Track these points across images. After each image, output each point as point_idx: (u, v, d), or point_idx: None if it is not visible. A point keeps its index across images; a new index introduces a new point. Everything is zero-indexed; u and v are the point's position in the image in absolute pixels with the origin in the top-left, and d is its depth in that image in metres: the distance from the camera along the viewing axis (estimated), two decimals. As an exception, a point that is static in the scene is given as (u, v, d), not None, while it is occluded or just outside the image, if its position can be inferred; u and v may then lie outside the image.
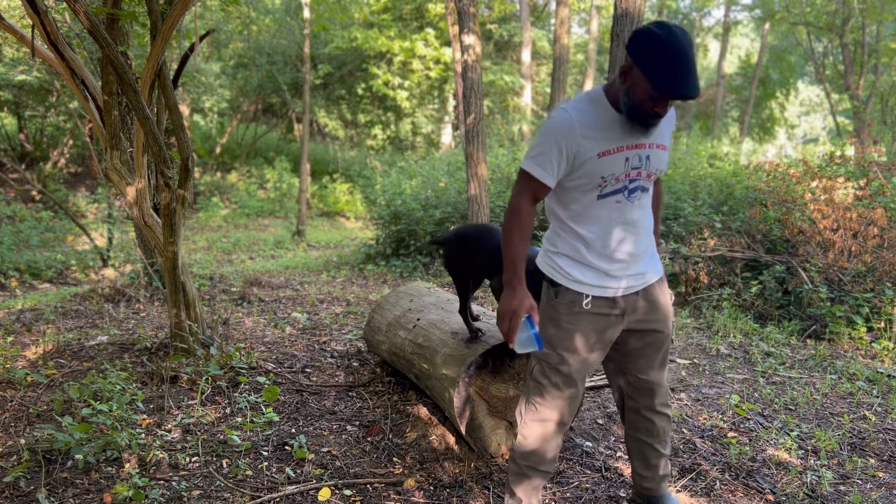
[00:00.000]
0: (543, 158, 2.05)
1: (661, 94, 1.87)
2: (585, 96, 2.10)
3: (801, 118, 33.72)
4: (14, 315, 5.64)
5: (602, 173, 2.05)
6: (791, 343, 5.04)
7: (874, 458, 3.07)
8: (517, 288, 2.08)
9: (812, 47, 19.77)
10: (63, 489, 2.61)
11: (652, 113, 1.96)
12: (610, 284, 2.16)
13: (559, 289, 2.19)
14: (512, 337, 2.08)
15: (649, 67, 1.86)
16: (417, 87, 18.68)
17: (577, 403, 2.26)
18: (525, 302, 2.07)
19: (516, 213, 2.11)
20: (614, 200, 2.10)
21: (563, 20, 9.53)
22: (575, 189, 2.11)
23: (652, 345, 2.27)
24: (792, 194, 6.21)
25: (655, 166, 2.12)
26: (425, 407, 3.49)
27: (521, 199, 2.11)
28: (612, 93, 2.06)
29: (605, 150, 2.03)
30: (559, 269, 2.19)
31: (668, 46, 1.84)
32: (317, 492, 2.63)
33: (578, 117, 2.03)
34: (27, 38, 3.75)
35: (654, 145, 2.11)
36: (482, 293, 6.78)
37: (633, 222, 2.15)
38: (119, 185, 3.98)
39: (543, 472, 2.30)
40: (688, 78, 1.84)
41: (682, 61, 1.84)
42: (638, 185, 2.12)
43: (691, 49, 1.87)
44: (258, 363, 4.13)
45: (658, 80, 1.85)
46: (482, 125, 7.88)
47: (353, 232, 14.15)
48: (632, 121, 2.00)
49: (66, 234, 11.41)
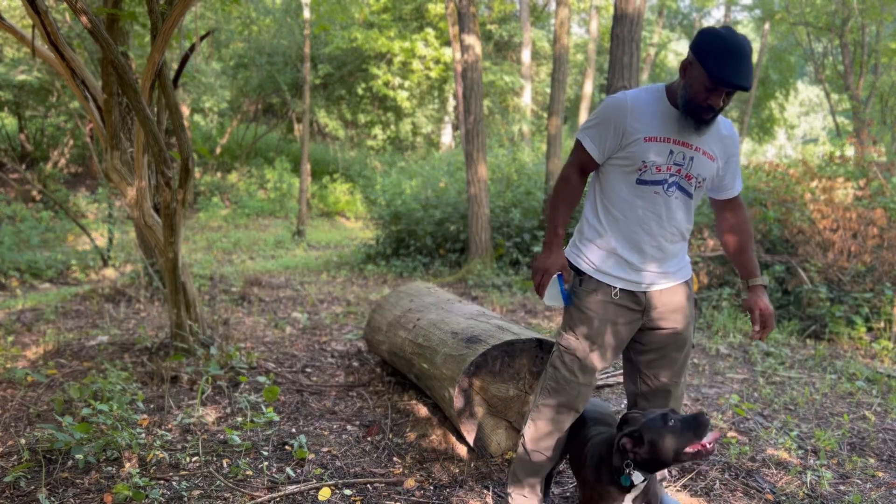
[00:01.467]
0: (594, 131, 2.18)
1: (715, 82, 1.96)
2: (646, 88, 2.20)
3: (800, 118, 33.74)
4: (14, 315, 5.64)
5: (644, 157, 2.11)
6: (791, 343, 5.04)
7: (874, 458, 3.07)
8: (553, 248, 2.24)
9: (812, 47, 19.77)
10: (63, 489, 2.61)
11: (706, 105, 2.02)
12: (634, 278, 2.19)
13: (584, 277, 2.23)
14: (542, 291, 2.23)
15: (706, 59, 1.97)
16: (417, 88, 18.68)
17: (590, 393, 2.28)
18: (558, 261, 2.22)
19: (566, 180, 2.26)
20: (652, 191, 2.14)
21: (562, 20, 9.53)
22: (618, 169, 2.17)
23: (669, 346, 2.27)
24: (792, 194, 6.21)
25: (698, 171, 2.16)
26: (425, 407, 3.49)
27: (571, 169, 2.26)
28: (672, 89, 2.15)
29: (652, 136, 2.11)
30: (585, 257, 2.24)
31: (726, 40, 1.96)
32: (317, 491, 2.63)
33: (633, 101, 2.14)
34: (27, 38, 3.75)
35: (702, 150, 2.15)
36: (482, 293, 6.78)
37: (667, 218, 2.17)
38: (119, 185, 3.98)
39: (550, 458, 2.32)
40: (741, 69, 1.94)
41: (738, 54, 1.95)
42: (676, 182, 2.15)
43: (749, 49, 1.97)
44: (258, 363, 4.13)
45: (713, 69, 1.95)
46: (482, 125, 7.88)
47: (353, 232, 14.15)
48: (686, 113, 2.07)
49: (66, 234, 11.41)
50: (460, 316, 3.39)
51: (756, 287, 2.33)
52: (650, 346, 2.30)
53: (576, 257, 2.27)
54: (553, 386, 2.27)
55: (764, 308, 2.29)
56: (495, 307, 6.00)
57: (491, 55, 19.68)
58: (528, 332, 3.12)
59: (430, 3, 18.13)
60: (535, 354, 2.97)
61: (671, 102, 2.13)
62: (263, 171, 17.23)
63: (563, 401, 2.25)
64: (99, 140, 5.02)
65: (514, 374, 2.93)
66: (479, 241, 7.84)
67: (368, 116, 19.61)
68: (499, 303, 6.19)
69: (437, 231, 8.85)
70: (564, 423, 2.28)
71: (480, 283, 7.22)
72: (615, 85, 5.78)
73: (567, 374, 2.24)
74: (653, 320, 2.24)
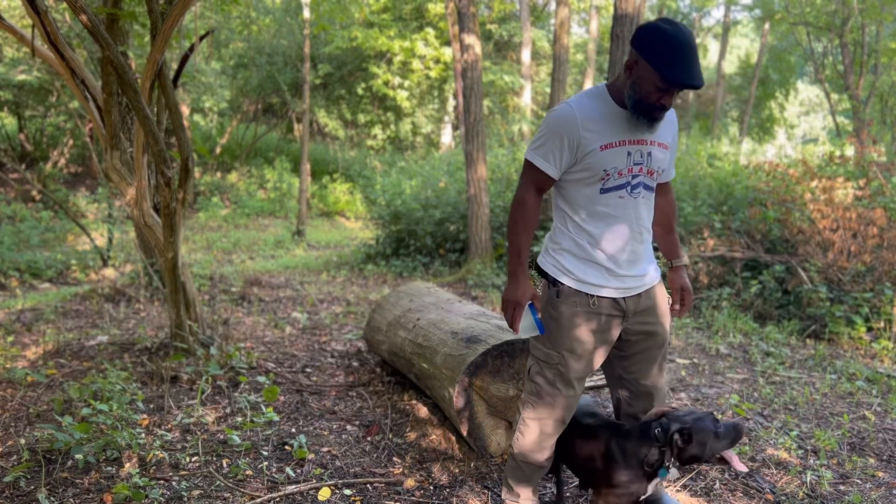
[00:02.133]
0: (546, 149, 2.09)
1: (668, 83, 1.90)
2: (587, 92, 2.13)
3: (800, 118, 33.73)
4: (14, 315, 5.64)
5: (605, 166, 2.06)
6: (790, 343, 5.04)
7: (874, 458, 3.07)
8: (520, 278, 2.14)
9: (812, 47, 19.76)
10: (63, 489, 2.61)
11: (658, 105, 1.98)
12: (614, 284, 2.15)
13: (562, 288, 2.16)
14: (516, 325, 2.15)
15: (656, 58, 1.90)
16: (417, 87, 18.68)
17: (576, 403, 2.25)
18: (528, 291, 2.14)
19: (521, 204, 2.15)
20: (617, 196, 2.11)
21: (562, 20, 9.53)
22: (579, 182, 2.12)
23: (651, 347, 2.26)
24: (791, 194, 6.21)
25: (657, 164, 2.14)
26: (425, 407, 3.49)
27: (527, 191, 2.15)
28: (615, 89, 2.08)
29: (607, 142, 2.05)
30: (562, 267, 2.17)
31: (674, 37, 1.89)
32: (317, 491, 2.63)
33: (580, 110, 2.05)
34: (27, 38, 3.75)
35: (656, 143, 2.13)
36: (482, 293, 6.79)
37: (636, 219, 2.15)
38: (119, 185, 3.98)
39: (541, 466, 2.31)
40: (693, 67, 1.90)
41: (688, 52, 1.89)
42: (640, 181, 2.12)
43: (694, 42, 1.92)
44: (258, 363, 4.13)
45: (665, 69, 1.89)
46: (482, 125, 7.88)
47: (353, 232, 14.15)
48: (637, 114, 2.01)
49: (66, 234, 11.40)
50: (460, 316, 3.39)
51: (680, 267, 2.38)
52: (632, 350, 2.27)
53: (551, 267, 2.20)
54: (536, 401, 2.23)
55: (686, 287, 2.35)
56: (495, 307, 6.00)
57: (491, 55, 19.67)
58: (528, 332, 3.12)
59: (430, 2, 18.13)
60: (534, 354, 2.97)
61: (617, 103, 2.07)
62: (263, 171, 17.23)
63: (548, 414, 2.22)
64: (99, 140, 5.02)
65: (514, 373, 2.93)
66: (478, 240, 7.84)
67: (368, 116, 19.60)
68: (498, 303, 6.19)
69: (437, 231, 8.85)
70: (552, 434, 2.25)
71: (480, 282, 7.22)
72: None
73: (549, 388, 2.19)
74: (634, 324, 2.22)
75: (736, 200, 7.10)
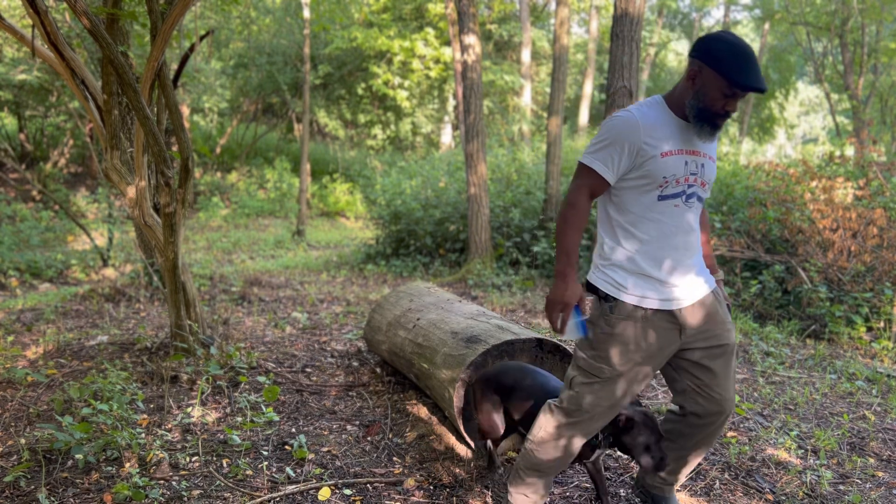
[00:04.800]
0: (605, 154, 2.09)
1: (736, 87, 1.97)
2: (645, 102, 2.16)
3: (800, 118, 33.73)
4: (14, 315, 5.64)
5: (664, 173, 2.07)
6: (790, 343, 5.04)
7: (873, 458, 3.07)
8: (569, 278, 2.10)
9: (812, 47, 19.76)
10: (63, 489, 2.61)
11: (723, 112, 2.03)
12: (667, 296, 2.12)
13: (615, 303, 2.12)
14: (563, 327, 2.12)
15: (722, 65, 1.97)
16: (417, 87, 18.68)
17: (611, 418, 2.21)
18: (576, 292, 2.10)
19: (573, 206, 2.13)
20: (673, 204, 2.11)
21: (562, 20, 9.53)
22: (635, 189, 2.12)
23: (720, 357, 2.21)
24: (791, 194, 6.21)
25: (709, 176, 2.17)
26: (425, 407, 3.49)
27: (581, 194, 2.13)
28: (673, 99, 2.13)
29: (668, 150, 2.08)
30: (614, 282, 2.14)
31: (736, 45, 1.98)
32: (317, 491, 2.63)
33: (642, 117, 2.09)
34: (27, 38, 3.75)
35: (708, 156, 2.16)
36: (482, 293, 6.78)
37: (689, 229, 2.15)
38: (119, 185, 3.98)
39: (555, 467, 2.29)
40: (757, 72, 1.97)
41: (751, 57, 1.98)
42: (695, 191, 2.14)
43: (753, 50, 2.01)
44: (258, 363, 4.13)
45: (732, 75, 1.95)
46: (482, 125, 7.88)
47: (353, 232, 14.15)
48: (701, 122, 2.05)
49: (66, 234, 11.41)
50: (460, 316, 3.39)
51: (717, 281, 2.37)
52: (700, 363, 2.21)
53: (602, 282, 2.16)
54: (573, 409, 2.17)
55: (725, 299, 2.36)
56: (495, 307, 6.00)
57: (491, 55, 19.68)
58: (528, 331, 3.12)
59: (430, 2, 18.13)
60: (535, 354, 2.97)
61: (675, 113, 2.11)
62: (263, 170, 17.24)
63: (580, 427, 2.18)
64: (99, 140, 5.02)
65: (513, 373, 2.93)
66: (479, 240, 7.84)
67: (368, 116, 19.61)
68: (499, 303, 6.19)
69: (437, 231, 8.85)
70: (576, 444, 2.22)
71: (480, 282, 7.23)
72: (615, 85, 5.77)
73: (593, 401, 2.14)
74: (697, 338, 2.17)
75: (736, 200, 7.10)
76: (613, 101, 5.79)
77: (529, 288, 7.09)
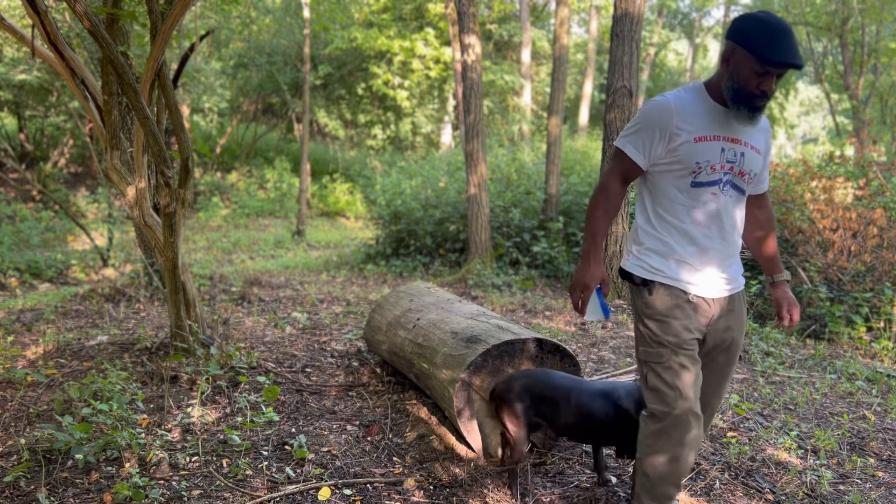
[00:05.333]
0: (637, 137, 2.09)
1: (767, 65, 1.91)
2: (684, 87, 2.13)
3: (800, 118, 33.72)
4: (14, 315, 5.64)
5: (697, 158, 2.04)
6: (790, 343, 5.04)
7: (873, 458, 3.07)
8: (592, 260, 2.11)
9: (812, 47, 19.76)
10: (63, 489, 2.61)
11: (758, 92, 1.97)
12: (702, 282, 2.10)
13: (652, 286, 2.11)
14: (584, 308, 2.13)
15: (753, 42, 1.92)
16: (417, 87, 18.68)
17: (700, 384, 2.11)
18: (598, 274, 2.11)
19: (605, 190, 2.14)
20: (709, 192, 2.08)
21: (562, 20, 9.53)
22: (669, 173, 2.10)
23: (721, 358, 2.20)
24: (791, 194, 6.21)
25: (749, 166, 2.11)
26: (425, 407, 3.49)
27: (613, 178, 2.15)
28: (713, 84, 2.09)
29: (702, 135, 2.05)
30: (650, 267, 2.13)
31: (768, 22, 1.92)
32: (317, 491, 2.63)
33: (676, 102, 2.07)
34: (27, 38, 3.75)
35: (749, 145, 2.10)
36: (482, 293, 6.78)
37: (727, 217, 2.10)
38: (119, 185, 3.98)
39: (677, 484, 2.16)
40: (792, 47, 1.90)
41: (784, 33, 1.91)
42: (730, 180, 2.09)
43: (789, 26, 1.93)
44: (258, 363, 4.13)
45: (764, 51, 1.90)
46: (482, 125, 7.88)
47: (353, 232, 14.15)
48: (738, 104, 2.01)
49: (66, 234, 11.41)
50: (460, 316, 3.39)
51: (783, 282, 2.33)
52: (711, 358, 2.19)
53: (637, 269, 2.15)
54: (662, 409, 2.09)
55: (792, 300, 2.30)
56: (495, 307, 6.00)
57: (491, 55, 19.67)
58: (528, 331, 3.12)
59: (430, 2, 18.13)
60: (534, 354, 2.97)
61: (714, 99, 2.08)
62: (263, 170, 17.24)
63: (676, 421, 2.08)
64: (99, 140, 5.02)
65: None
66: (478, 240, 7.84)
67: (368, 116, 19.61)
68: (499, 303, 6.19)
69: (437, 231, 8.85)
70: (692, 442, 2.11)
71: (480, 282, 7.23)
72: (615, 84, 5.77)
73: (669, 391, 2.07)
74: (715, 331, 2.15)
75: (736, 200, 7.10)
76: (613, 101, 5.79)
77: (529, 288, 7.09)
